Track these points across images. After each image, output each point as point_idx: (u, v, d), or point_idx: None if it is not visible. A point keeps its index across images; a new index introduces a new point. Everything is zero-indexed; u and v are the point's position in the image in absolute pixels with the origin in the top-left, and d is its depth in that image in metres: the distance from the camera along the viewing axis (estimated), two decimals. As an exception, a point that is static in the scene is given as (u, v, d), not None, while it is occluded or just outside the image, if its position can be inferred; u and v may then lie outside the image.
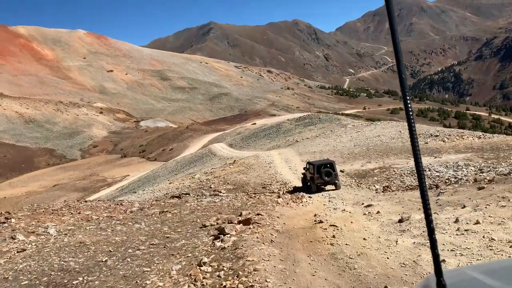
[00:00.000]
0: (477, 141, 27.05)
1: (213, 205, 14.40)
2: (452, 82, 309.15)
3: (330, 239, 9.42)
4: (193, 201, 15.30)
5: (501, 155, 21.89)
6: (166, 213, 12.62)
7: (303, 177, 20.02)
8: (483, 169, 18.01)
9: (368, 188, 17.64)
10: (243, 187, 21.93)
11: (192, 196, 17.66)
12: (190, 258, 8.23)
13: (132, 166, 79.93)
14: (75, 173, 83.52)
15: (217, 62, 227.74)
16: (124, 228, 11.03)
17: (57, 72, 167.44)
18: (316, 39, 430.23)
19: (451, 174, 17.86)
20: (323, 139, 37.81)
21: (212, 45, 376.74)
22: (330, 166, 18.02)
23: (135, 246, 9.26)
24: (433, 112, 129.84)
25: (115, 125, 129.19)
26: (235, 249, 8.39)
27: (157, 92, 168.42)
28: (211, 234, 9.83)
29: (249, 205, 14.11)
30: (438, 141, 28.10)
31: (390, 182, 18.25)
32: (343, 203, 14.59)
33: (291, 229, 10.52)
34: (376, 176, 20.78)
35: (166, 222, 11.65)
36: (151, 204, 14.82)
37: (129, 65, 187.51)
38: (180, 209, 13.33)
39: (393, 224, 9.95)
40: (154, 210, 13.27)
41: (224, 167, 30.84)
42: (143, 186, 46.24)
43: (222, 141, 67.07)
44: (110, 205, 14.20)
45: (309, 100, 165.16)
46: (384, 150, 27.15)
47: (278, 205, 13.89)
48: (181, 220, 11.90)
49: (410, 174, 19.82)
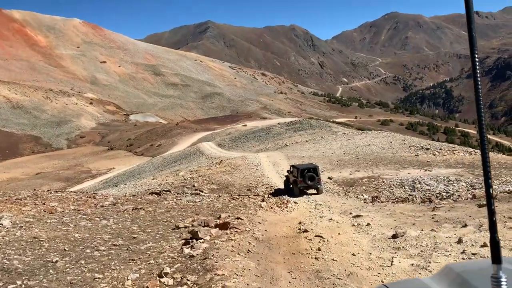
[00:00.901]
0: (468, 157, 26.60)
1: (192, 204, 13.55)
2: (443, 98, 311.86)
3: (315, 252, 8.54)
4: (172, 199, 14.36)
5: (492, 172, 21.42)
6: (140, 210, 11.76)
7: (286, 179, 19.96)
8: (474, 186, 17.47)
9: (356, 197, 16.94)
10: (228, 188, 21.14)
11: (172, 193, 16.76)
12: (152, 266, 7.27)
13: (118, 159, 78.83)
14: (59, 162, 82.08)
15: (212, 61, 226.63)
16: (88, 224, 10.14)
17: (49, 59, 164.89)
18: (312, 46, 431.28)
19: (442, 189, 17.28)
20: (312, 144, 37.19)
21: (208, 44, 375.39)
22: (313, 170, 18.01)
23: (95, 246, 8.34)
24: (423, 126, 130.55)
25: (104, 117, 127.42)
26: (204, 258, 7.41)
27: (149, 87, 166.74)
28: (182, 238, 8.94)
29: (230, 207, 13.29)
30: (429, 154, 27.61)
31: (379, 192, 17.58)
32: (330, 211, 13.87)
33: (273, 237, 9.64)
34: (365, 186, 20.13)
35: (137, 220, 10.78)
36: (126, 199, 13.87)
37: (122, 58, 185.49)
38: (156, 207, 12.42)
39: (386, 240, 9.08)
40: (127, 206, 12.33)
41: (210, 166, 30.03)
42: (127, 180, 45.46)
43: (211, 141, 66.35)
44: (82, 197, 13.24)
45: (301, 106, 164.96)
46: (373, 159, 26.56)
47: (261, 209, 13.06)
48: (153, 219, 11.05)
49: (399, 185, 19.20)
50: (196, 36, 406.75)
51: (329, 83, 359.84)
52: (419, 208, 13.00)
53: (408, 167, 24.04)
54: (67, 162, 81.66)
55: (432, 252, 7.67)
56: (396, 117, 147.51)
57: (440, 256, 7.37)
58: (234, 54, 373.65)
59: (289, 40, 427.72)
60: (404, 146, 30.45)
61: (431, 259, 7.22)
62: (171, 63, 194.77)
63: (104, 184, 52.92)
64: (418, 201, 14.53)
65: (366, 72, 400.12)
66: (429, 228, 9.30)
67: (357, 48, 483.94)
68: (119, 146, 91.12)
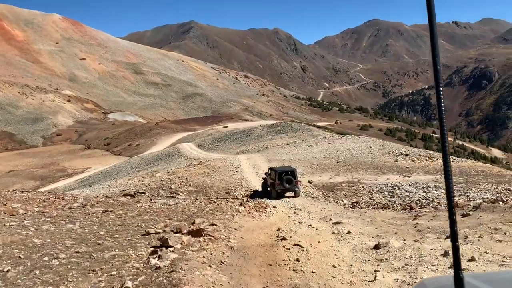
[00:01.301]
0: (447, 163, 26.73)
1: (166, 208, 12.95)
2: (421, 105, 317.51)
3: (294, 263, 8.03)
4: (146, 202, 13.66)
5: (469, 180, 21.51)
6: (110, 213, 11.10)
7: (263, 182, 19.79)
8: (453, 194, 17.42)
9: (336, 202, 16.65)
10: (206, 191, 20.60)
11: (147, 195, 16.09)
12: (113, 278, 6.49)
13: (95, 159, 77.29)
14: (34, 160, 79.91)
15: (194, 61, 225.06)
16: (52, 228, 9.39)
17: (27, 54, 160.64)
18: (295, 50, 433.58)
19: (421, 195, 17.18)
20: (293, 147, 36.92)
21: (191, 44, 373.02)
22: (291, 173, 17.94)
23: (55, 253, 7.57)
24: (401, 132, 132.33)
25: (82, 115, 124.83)
26: (171, 271, 6.70)
27: (129, 86, 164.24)
28: (151, 245, 8.27)
29: (206, 212, 12.70)
30: (408, 160, 27.65)
31: (359, 198, 17.34)
32: (309, 216, 13.50)
33: (249, 246, 9.06)
34: (344, 190, 19.91)
35: (105, 224, 10.12)
36: (97, 201, 13.13)
37: (103, 55, 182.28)
38: (128, 210, 11.73)
39: (367, 250, 8.63)
40: (97, 208, 11.59)
41: (189, 168, 29.41)
42: (103, 180, 44.52)
43: (191, 141, 65.58)
44: (49, 198, 12.44)
45: (283, 109, 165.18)
46: (353, 164, 26.43)
47: (239, 214, 12.52)
48: (123, 223, 10.39)
49: (378, 191, 19.04)
50: (179, 36, 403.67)
51: (310, 87, 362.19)
52: (400, 215, 12.75)
53: (387, 172, 23.98)
54: (42, 160, 79.63)
55: (417, 266, 7.30)
56: (375, 123, 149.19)
57: (426, 270, 6.95)
58: (217, 55, 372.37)
59: (272, 44, 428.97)
60: (384, 151, 30.46)
61: (417, 274, 6.83)
62: (153, 62, 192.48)
63: (79, 183, 51.87)
64: (399, 208, 14.27)
65: (347, 78, 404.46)
66: (412, 238, 8.98)
67: (338, 54, 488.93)
68: (96, 145, 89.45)
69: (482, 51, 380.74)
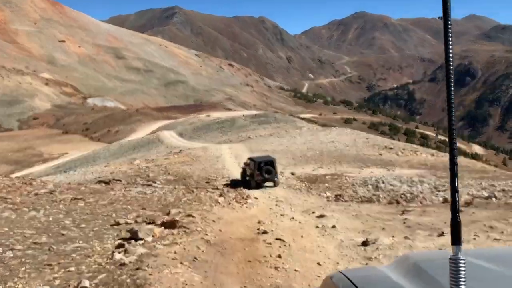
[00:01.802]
0: (430, 158, 26.58)
1: (141, 197, 12.23)
2: (405, 99, 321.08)
3: (275, 259, 7.42)
4: (120, 190, 12.90)
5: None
6: (79, 201, 10.38)
7: (242, 171, 19.48)
8: (438, 187, 17.15)
9: (319, 195, 16.14)
10: (185, 180, 19.88)
11: (122, 183, 15.27)
12: (71, 275, 5.81)
13: (72, 144, 75.71)
14: (9, 144, 77.80)
15: (177, 47, 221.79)
16: (12, 216, 8.62)
17: (3, 34, 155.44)
18: (281, 40, 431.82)
19: (406, 189, 16.82)
20: (277, 138, 36.40)
21: (174, 29, 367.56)
22: (270, 163, 17.81)
23: (10, 244, 6.81)
24: (385, 126, 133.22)
25: (61, 98, 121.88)
26: (137, 269, 6.01)
27: (110, 70, 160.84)
28: (120, 237, 7.56)
29: (183, 202, 11.98)
30: (392, 154, 27.40)
31: (342, 190, 16.89)
32: (292, 209, 12.92)
33: (227, 240, 8.39)
34: (328, 183, 19.45)
35: (72, 213, 9.34)
36: (68, 187, 12.28)
37: (83, 38, 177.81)
38: (99, 198, 10.98)
39: (355, 247, 8.07)
40: (66, 195, 10.85)
41: (168, 156, 28.61)
42: (80, 166, 43.44)
43: (173, 129, 64.56)
44: (15, 183, 11.58)
45: (267, 100, 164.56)
46: (337, 156, 26.03)
47: (218, 205, 11.87)
48: (92, 212, 9.67)
49: (362, 184, 18.63)
50: (162, 21, 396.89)
51: (295, 78, 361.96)
52: (386, 210, 12.27)
53: (371, 166, 23.65)
54: (17, 144, 77.61)
55: (410, 265, 6.53)
56: (359, 116, 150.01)
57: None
58: (201, 42, 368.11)
59: (258, 32, 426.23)
60: (368, 144, 30.16)
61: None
62: (134, 46, 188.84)
63: (55, 169, 50.72)
64: (385, 202, 13.81)
65: (332, 70, 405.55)
66: (402, 235, 8.50)
67: (324, 45, 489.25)
68: (74, 130, 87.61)
69: (466, 48, 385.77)
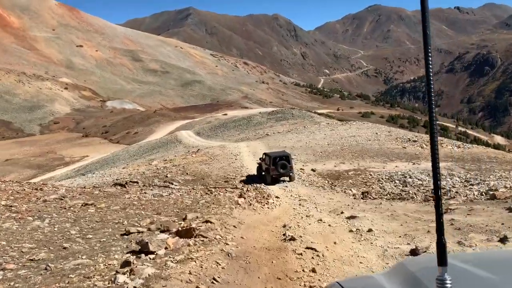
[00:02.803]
0: (456, 150, 25.51)
1: (157, 200, 11.64)
2: (423, 91, 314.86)
3: (309, 275, 6.44)
4: (136, 193, 12.43)
5: (482, 167, 20.34)
6: (90, 207, 9.80)
7: (258, 166, 19.67)
8: (469, 180, 16.21)
9: (344, 192, 15.36)
10: (203, 179, 19.41)
11: (139, 185, 14.81)
12: None
13: (92, 147, 76.41)
14: (31, 149, 79.01)
15: (192, 48, 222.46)
16: (14, 226, 7.89)
17: (23, 41, 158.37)
18: (295, 36, 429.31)
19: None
20: (295, 134, 35.66)
21: (189, 31, 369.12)
22: (286, 158, 17.85)
23: (2, 263, 6.02)
24: (403, 119, 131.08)
25: (80, 102, 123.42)
26: None
27: (128, 73, 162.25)
28: (129, 249, 6.75)
29: (201, 205, 11.30)
30: (416, 146, 26.42)
31: (368, 187, 16.09)
32: (317, 208, 12.12)
33: (251, 250, 7.43)
34: (351, 179, 18.71)
35: (80, 221, 8.69)
36: (81, 191, 11.76)
37: (100, 42, 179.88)
38: (112, 203, 10.58)
39: (402, 257, 6.86)
40: (77, 200, 10.38)
41: (186, 156, 28.20)
42: (100, 168, 43.60)
43: (190, 129, 64.47)
44: (25, 188, 11.03)
45: (283, 96, 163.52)
46: (359, 151, 25.20)
47: (238, 207, 11.16)
48: (102, 219, 9.01)
49: (389, 179, 17.83)
50: (177, 23, 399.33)
51: (311, 74, 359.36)
52: (424, 208, 11.34)
53: (395, 159, 22.78)
54: (39, 148, 78.73)
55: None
56: (377, 110, 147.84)
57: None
58: (216, 42, 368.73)
59: (272, 30, 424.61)
60: (391, 138, 29.19)
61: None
62: (151, 49, 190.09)
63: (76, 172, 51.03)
64: (419, 199, 12.87)
65: (348, 64, 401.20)
66: (453, 239, 7.53)
67: (339, 40, 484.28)
68: (94, 133, 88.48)
69: (484, 37, 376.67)
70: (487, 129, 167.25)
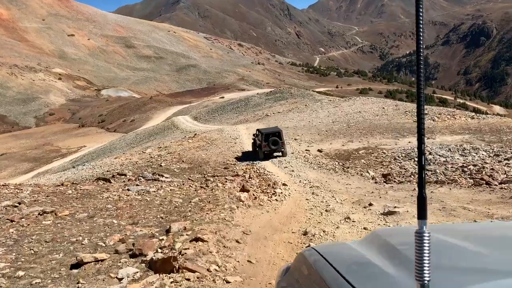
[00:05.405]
0: (471, 121, 23.88)
1: (139, 199, 9.55)
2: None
3: None
4: (118, 190, 10.53)
5: (504, 138, 18.73)
6: (47, 217, 7.66)
7: (253, 142, 19.93)
8: (499, 154, 14.51)
9: (360, 175, 13.60)
10: (201, 167, 17.77)
11: (126, 178, 13.08)
12: None
13: (89, 137, 75.08)
14: (27, 141, 77.59)
15: (185, 32, 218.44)
16: None
17: (13, 33, 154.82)
18: (288, 15, 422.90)
19: (463, 160, 14.15)
20: (296, 113, 33.92)
21: (182, 15, 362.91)
22: (277, 135, 18.30)
23: None
24: (401, 93, 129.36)
25: (75, 92, 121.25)
26: None
27: (121, 60, 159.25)
28: None
29: (193, 205, 9.01)
30: (427, 119, 24.76)
31: (386, 167, 14.40)
32: (336, 198, 10.13)
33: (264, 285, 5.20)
34: (363, 159, 17.08)
35: (23, 242, 6.40)
36: (51, 191, 9.78)
37: (91, 30, 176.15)
38: (81, 207, 8.58)
39: None
40: (35, 207, 8.22)
41: (182, 142, 26.52)
42: (97, 158, 42.12)
43: (187, 114, 62.91)
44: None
45: (280, 77, 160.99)
46: (367, 127, 23.58)
47: (241, 206, 9.01)
48: (55, 237, 6.67)
49: (406, 157, 16.15)
50: (169, 7, 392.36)
51: (306, 53, 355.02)
52: (479, 196, 9.12)
53: (407, 135, 21.18)
54: (35, 141, 77.32)
55: None
56: (374, 86, 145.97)
57: None
58: (209, 25, 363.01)
59: (265, 10, 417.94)
60: (399, 112, 27.50)
61: None
62: (143, 34, 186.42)
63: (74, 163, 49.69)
64: (465, 183, 10.49)
65: (343, 42, 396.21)
66: None
67: (333, 17, 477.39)
68: (90, 122, 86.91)
69: (479, 7, 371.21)
70: (485, 99, 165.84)
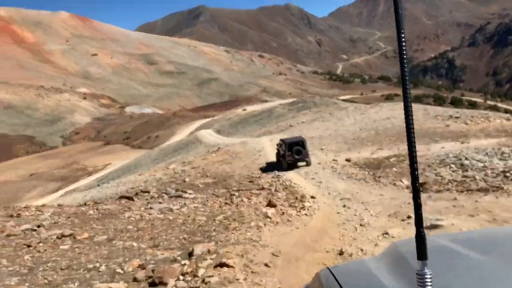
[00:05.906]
0: (507, 123, 22.48)
1: (162, 218, 9.16)
2: (445, 68, 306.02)
3: None
4: (139, 208, 10.14)
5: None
6: (65, 240, 7.32)
7: (277, 152, 19.76)
8: (548, 159, 13.33)
9: (394, 185, 12.70)
10: (225, 181, 17.19)
11: (149, 195, 12.59)
12: None
13: (115, 154, 75.97)
14: (55, 161, 79.17)
15: (206, 46, 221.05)
16: None
17: (38, 55, 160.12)
18: (308, 24, 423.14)
19: (503, 165, 13.08)
20: (321, 122, 33.04)
21: (202, 29, 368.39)
22: (301, 144, 18.15)
23: None
24: (428, 98, 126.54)
25: (99, 111, 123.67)
26: None
27: (144, 77, 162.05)
28: None
29: (218, 224, 8.57)
30: (460, 123, 23.53)
31: (421, 175, 13.43)
32: (369, 211, 9.54)
33: None
34: (395, 167, 16.09)
35: (37, 271, 5.95)
36: (69, 214, 9.20)
37: (114, 49, 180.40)
38: (101, 229, 8.19)
39: None
40: (54, 230, 7.84)
41: (206, 156, 26.06)
42: (123, 175, 42.32)
43: (210, 128, 62.85)
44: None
45: (302, 86, 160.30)
46: (397, 134, 22.52)
47: (268, 223, 8.49)
48: (71, 263, 6.27)
49: (441, 164, 15.08)
50: (190, 22, 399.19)
51: (327, 61, 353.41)
52: None
53: (440, 140, 20.03)
54: (62, 160, 78.80)
55: None
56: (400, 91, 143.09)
57: None
58: (229, 38, 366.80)
59: (285, 20, 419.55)
60: (429, 116, 26.29)
61: None
62: (164, 51, 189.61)
63: (99, 181, 50.14)
64: None
65: (366, 47, 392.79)
66: None
67: (354, 23, 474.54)
68: (115, 140, 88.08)
69: (506, 5, 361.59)
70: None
